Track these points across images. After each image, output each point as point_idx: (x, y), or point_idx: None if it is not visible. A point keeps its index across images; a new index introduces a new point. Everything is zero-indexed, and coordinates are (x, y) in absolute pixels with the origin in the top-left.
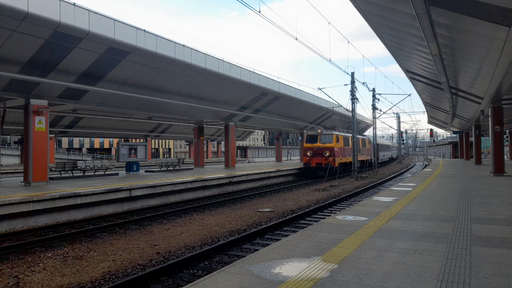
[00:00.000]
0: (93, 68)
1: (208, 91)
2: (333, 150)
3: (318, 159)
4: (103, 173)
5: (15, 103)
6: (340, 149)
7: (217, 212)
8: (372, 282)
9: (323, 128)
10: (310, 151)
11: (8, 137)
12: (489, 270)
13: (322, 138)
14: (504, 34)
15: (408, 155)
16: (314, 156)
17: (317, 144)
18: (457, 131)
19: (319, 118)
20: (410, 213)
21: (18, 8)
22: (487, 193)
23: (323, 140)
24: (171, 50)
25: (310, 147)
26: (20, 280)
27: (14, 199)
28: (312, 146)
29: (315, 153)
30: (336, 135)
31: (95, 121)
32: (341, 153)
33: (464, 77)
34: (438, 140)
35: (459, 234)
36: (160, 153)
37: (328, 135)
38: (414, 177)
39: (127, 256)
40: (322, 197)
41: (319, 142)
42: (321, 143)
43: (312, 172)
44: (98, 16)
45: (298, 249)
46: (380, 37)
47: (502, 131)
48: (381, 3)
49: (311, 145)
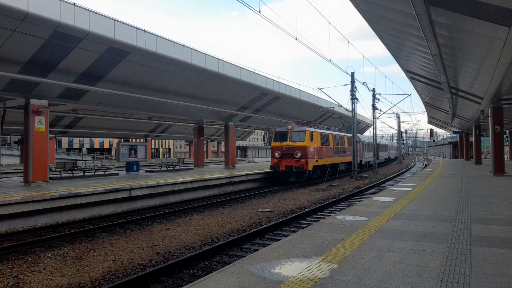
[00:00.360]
0: (93, 68)
1: (208, 91)
2: (305, 150)
3: (288, 161)
4: (103, 173)
5: (15, 103)
6: (316, 149)
7: (217, 212)
8: (372, 282)
9: (294, 123)
10: (279, 152)
11: (8, 137)
12: (489, 270)
13: (293, 135)
14: (504, 34)
15: (408, 155)
16: (283, 157)
17: (286, 143)
18: (457, 131)
19: (319, 118)
20: (410, 213)
21: (18, 8)
22: (487, 193)
23: (294, 137)
24: (171, 50)
25: (278, 146)
26: (20, 280)
27: (14, 199)
28: (281, 145)
29: (285, 154)
30: (310, 132)
31: (95, 121)
32: (317, 153)
33: (464, 77)
34: (438, 140)
35: (459, 234)
36: (160, 153)
37: (300, 131)
38: (414, 177)
39: (127, 256)
40: (322, 197)
41: (289, 140)
42: (292, 141)
43: (280, 177)
44: (98, 16)
45: (298, 249)
46: (380, 37)
47: (502, 131)
48: (381, 3)
49: (280, 144)
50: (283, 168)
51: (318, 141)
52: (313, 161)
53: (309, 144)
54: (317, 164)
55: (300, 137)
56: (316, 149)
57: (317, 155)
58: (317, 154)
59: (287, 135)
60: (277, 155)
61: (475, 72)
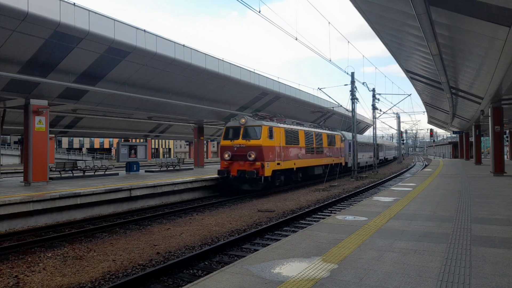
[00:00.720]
0: (93, 68)
1: (208, 91)
2: (261, 150)
3: (241, 165)
4: (103, 173)
5: (15, 103)
6: (278, 149)
7: (217, 212)
8: (372, 282)
9: (249, 116)
10: (229, 153)
11: (8, 137)
12: (489, 270)
13: (247, 131)
14: (504, 34)
15: (408, 155)
16: (235, 159)
17: (238, 141)
18: (457, 131)
19: (319, 118)
20: (410, 213)
21: (18, 8)
22: (487, 193)
23: (248, 134)
24: (171, 50)
25: (228, 146)
26: (20, 280)
27: (14, 199)
28: (232, 144)
29: (236, 155)
30: (268, 128)
31: (95, 121)
32: (279, 155)
33: (464, 77)
34: (438, 140)
35: (459, 234)
36: (160, 153)
37: (256, 126)
38: (414, 177)
39: (127, 256)
40: (322, 197)
41: (242, 138)
42: (245, 139)
43: (231, 184)
44: (98, 16)
45: (298, 249)
46: (380, 37)
47: (502, 131)
48: (381, 3)
49: (230, 143)
50: (234, 173)
51: (281, 138)
52: (272, 164)
53: (267, 143)
54: (279, 168)
55: (256, 134)
56: (278, 149)
57: (280, 157)
58: (280, 156)
59: (240, 131)
60: (227, 157)
61: (475, 72)
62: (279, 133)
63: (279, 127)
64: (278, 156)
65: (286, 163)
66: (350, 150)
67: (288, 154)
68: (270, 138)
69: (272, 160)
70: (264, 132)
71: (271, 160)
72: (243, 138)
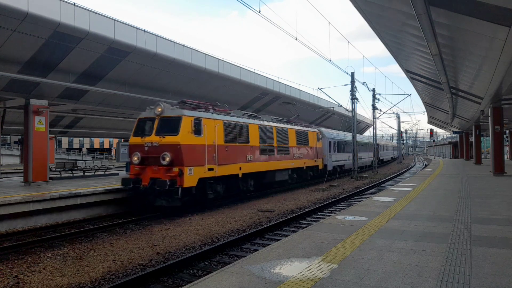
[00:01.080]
0: (93, 68)
1: (208, 91)
2: (179, 150)
3: (154, 171)
4: (103, 173)
5: (15, 103)
6: (211, 148)
7: (217, 212)
8: (372, 282)
9: (167, 105)
10: (138, 154)
11: (8, 137)
12: (489, 270)
13: (164, 124)
14: (504, 34)
15: (408, 155)
16: (147, 163)
17: (150, 138)
18: (457, 131)
19: (319, 118)
20: (410, 213)
21: (18, 8)
22: (487, 193)
23: (164, 128)
24: (171, 50)
25: (138, 144)
26: (20, 280)
27: (14, 199)
28: (142, 142)
29: (148, 158)
30: (192, 119)
31: (95, 121)
32: (212, 157)
33: (464, 77)
34: (438, 140)
35: (459, 234)
36: None
37: (174, 118)
38: (414, 177)
39: (127, 256)
40: (322, 197)
41: (155, 134)
42: (160, 135)
43: (141, 198)
44: (98, 16)
45: (298, 249)
46: (380, 37)
47: (502, 131)
48: (381, 3)
49: (140, 141)
50: (146, 182)
51: (216, 134)
52: (199, 170)
53: (189, 140)
54: (212, 175)
55: (174, 128)
56: (211, 149)
57: (214, 160)
58: (214, 158)
59: (154, 124)
60: (136, 160)
61: (475, 72)
62: (213, 127)
63: (214, 119)
64: (210, 159)
65: (226, 168)
66: (331, 150)
67: (229, 156)
68: (197, 134)
69: (199, 165)
70: (185, 125)
71: (197, 164)
72: (156, 134)
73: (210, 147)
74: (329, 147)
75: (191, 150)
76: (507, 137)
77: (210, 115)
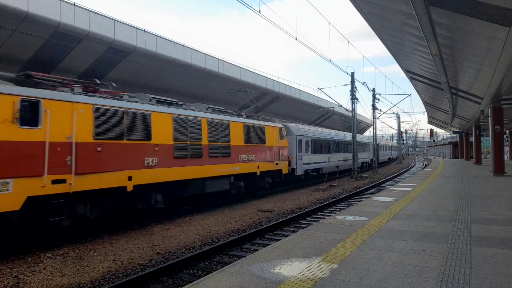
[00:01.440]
0: (93, 68)
1: (208, 91)
2: None
3: None
4: None
5: None
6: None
7: (217, 212)
8: (372, 282)
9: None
10: None
11: None
12: (489, 270)
13: None
14: (504, 34)
15: (408, 155)
16: None
17: None
18: (457, 131)
19: (319, 118)
20: (410, 213)
21: (18, 8)
22: (487, 193)
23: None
24: (171, 50)
25: None
26: (20, 280)
27: None
28: None
29: None
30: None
31: None
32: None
33: (464, 77)
34: (438, 140)
35: (459, 234)
36: None
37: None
38: (414, 177)
39: (127, 256)
40: (322, 197)
41: None
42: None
43: None
44: (98, 16)
45: (298, 249)
46: (380, 37)
47: (502, 131)
48: (381, 3)
49: None
50: None
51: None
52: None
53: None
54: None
55: None
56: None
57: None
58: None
59: None
60: None
61: (475, 72)
62: (70, 115)
63: (73, 101)
64: (58, 165)
65: (96, 179)
66: (302, 150)
67: (104, 160)
68: (25, 124)
69: (26, 175)
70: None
71: (21, 173)
72: None
73: (58, 145)
74: (298, 146)
75: (6, 150)
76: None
77: (63, 96)
